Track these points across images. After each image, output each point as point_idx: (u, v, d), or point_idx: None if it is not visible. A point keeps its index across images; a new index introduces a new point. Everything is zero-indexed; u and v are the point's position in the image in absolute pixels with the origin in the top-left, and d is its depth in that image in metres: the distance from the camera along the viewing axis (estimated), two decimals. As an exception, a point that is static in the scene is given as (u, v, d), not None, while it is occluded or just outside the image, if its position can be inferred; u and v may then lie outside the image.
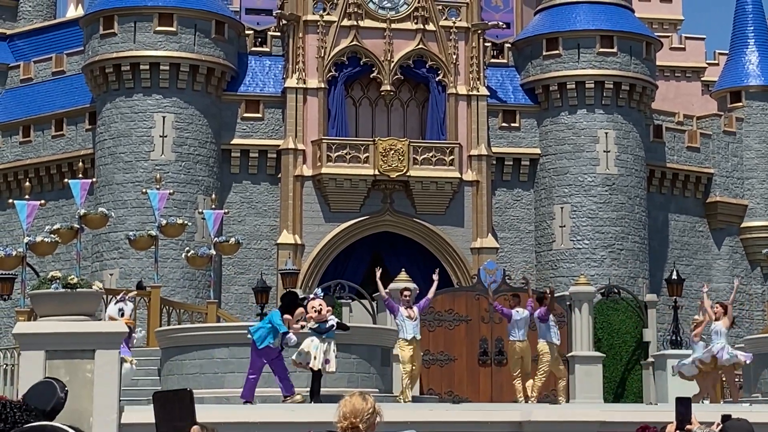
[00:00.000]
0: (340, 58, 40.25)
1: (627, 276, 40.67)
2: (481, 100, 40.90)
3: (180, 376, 20.71)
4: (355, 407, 6.76)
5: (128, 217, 37.94)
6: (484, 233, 40.24)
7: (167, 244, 34.86)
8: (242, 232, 38.33)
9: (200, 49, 39.48)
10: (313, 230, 39.43)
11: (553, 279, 40.63)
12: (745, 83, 46.33)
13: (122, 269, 37.99)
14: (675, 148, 44.53)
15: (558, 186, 41.51)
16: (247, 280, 38.98)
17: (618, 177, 41.44)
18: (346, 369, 20.34)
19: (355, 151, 39.56)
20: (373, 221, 40.00)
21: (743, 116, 46.14)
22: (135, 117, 39.13)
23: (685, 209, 44.65)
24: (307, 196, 39.64)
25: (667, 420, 9.68)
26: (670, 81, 51.67)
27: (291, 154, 39.69)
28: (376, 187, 39.80)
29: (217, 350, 20.43)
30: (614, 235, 41.03)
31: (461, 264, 39.77)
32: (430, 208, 39.98)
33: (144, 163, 38.82)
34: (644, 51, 42.54)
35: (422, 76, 40.89)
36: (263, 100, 40.73)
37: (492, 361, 28.83)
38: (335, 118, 39.96)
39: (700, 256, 44.70)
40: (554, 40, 42.04)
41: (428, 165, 39.79)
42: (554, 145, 41.83)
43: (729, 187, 45.39)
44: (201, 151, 39.38)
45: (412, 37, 40.72)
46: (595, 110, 41.72)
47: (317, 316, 17.62)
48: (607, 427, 13.58)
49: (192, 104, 39.38)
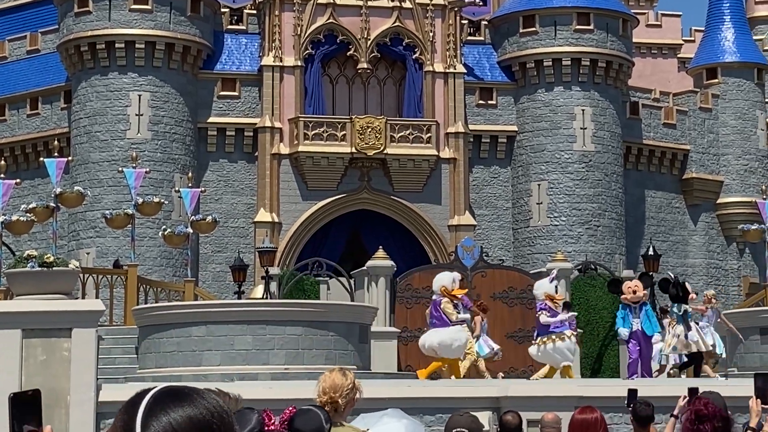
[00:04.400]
0: (316, 35, 40.14)
1: (604, 252, 40.78)
2: (458, 78, 40.86)
3: (157, 354, 20.70)
4: (335, 383, 6.78)
5: (104, 195, 37.80)
6: (461, 210, 40.28)
7: (144, 223, 34.80)
8: (219, 210, 38.25)
9: (176, 27, 39.30)
10: (290, 208, 39.38)
11: (531, 256, 40.74)
12: (721, 60, 46.41)
13: (99, 248, 37.88)
14: (651, 125, 44.62)
15: (535, 163, 41.56)
16: (225, 259, 38.93)
17: (595, 154, 41.51)
18: (324, 346, 20.37)
19: (332, 129, 39.50)
20: (351, 199, 39.97)
21: (719, 93, 46.23)
22: (110, 95, 38.96)
23: (662, 185, 44.77)
24: (284, 174, 39.57)
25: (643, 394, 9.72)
26: (647, 58, 51.73)
27: (268, 132, 39.61)
28: (353, 165, 39.76)
29: (195, 328, 20.41)
30: (591, 212, 41.13)
31: (439, 241, 39.81)
32: (408, 186, 39.98)
33: (120, 141, 38.67)
34: (620, 28, 42.57)
35: (399, 53, 40.82)
36: (240, 78, 40.60)
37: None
38: (312, 96, 39.87)
39: (677, 232, 44.86)
40: (531, 17, 42.02)
41: (405, 143, 39.76)
42: (531, 122, 41.86)
43: (705, 163, 45.53)
44: (177, 130, 39.25)
45: (388, 14, 40.63)
46: (571, 87, 41.74)
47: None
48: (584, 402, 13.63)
49: (168, 82, 39.23)
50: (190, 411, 2.59)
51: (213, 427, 2.59)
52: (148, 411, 2.58)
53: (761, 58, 47.49)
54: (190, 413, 2.58)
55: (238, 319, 20.43)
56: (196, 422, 2.57)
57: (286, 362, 20.04)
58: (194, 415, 2.58)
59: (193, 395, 2.62)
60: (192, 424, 2.57)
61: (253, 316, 20.55)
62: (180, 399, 2.60)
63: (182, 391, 2.62)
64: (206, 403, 2.61)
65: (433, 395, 15.02)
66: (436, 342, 20.46)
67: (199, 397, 2.62)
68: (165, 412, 2.58)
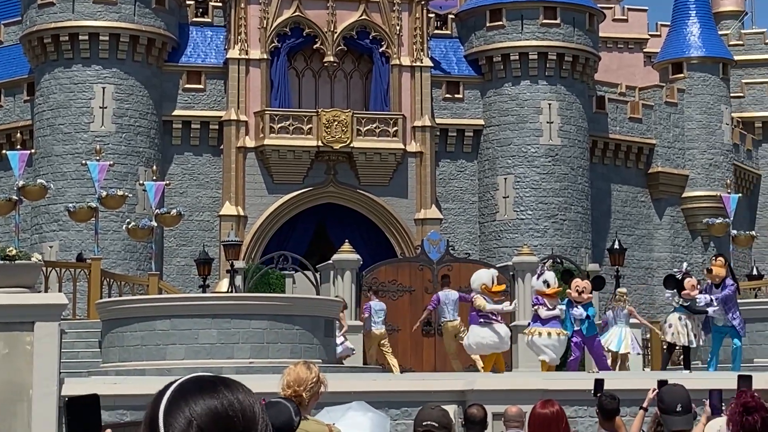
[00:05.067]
0: (282, 28, 39.98)
1: (570, 246, 40.85)
2: (425, 72, 40.80)
3: (121, 348, 20.54)
4: (299, 376, 6.73)
5: (68, 188, 37.54)
6: (427, 204, 40.24)
7: (108, 216, 34.58)
8: (184, 203, 38.07)
9: (140, 20, 39.05)
10: (255, 202, 39.23)
11: (497, 249, 40.74)
12: (686, 54, 46.56)
13: (62, 241, 37.62)
14: (617, 119, 44.72)
15: (501, 157, 41.56)
16: (189, 252, 38.74)
17: (561, 148, 41.56)
18: (290, 340, 20.27)
19: (298, 122, 39.37)
20: (317, 193, 39.87)
21: (685, 87, 46.39)
22: (74, 88, 38.68)
23: (627, 179, 44.89)
24: (250, 167, 39.41)
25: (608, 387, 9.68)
26: (613, 52, 51.84)
27: (233, 126, 39.44)
28: (319, 158, 39.64)
29: (159, 322, 20.27)
30: (557, 206, 41.18)
31: (405, 235, 39.76)
32: (374, 180, 39.90)
33: (83, 134, 38.40)
34: (587, 22, 42.63)
35: (366, 47, 40.72)
36: (205, 71, 40.41)
37: (436, 331, 28.82)
38: (278, 90, 39.72)
39: (642, 225, 44.99)
40: (498, 11, 42.01)
41: (372, 136, 39.68)
42: (498, 116, 41.86)
43: (670, 157, 45.68)
44: (142, 123, 39.02)
45: (355, 8, 40.52)
46: (538, 81, 41.76)
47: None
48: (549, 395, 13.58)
49: (132, 75, 38.98)
50: (212, 402, 2.58)
51: (234, 420, 2.57)
52: (171, 400, 2.59)
53: (726, 53, 47.68)
54: (211, 405, 2.57)
55: (202, 312, 20.31)
56: (216, 414, 2.56)
57: (251, 356, 19.92)
58: (215, 406, 2.57)
59: (218, 386, 2.60)
60: (212, 416, 2.55)
61: (218, 310, 20.43)
62: (203, 390, 2.59)
63: (208, 382, 2.62)
64: (230, 395, 2.59)
65: (399, 389, 14.95)
66: (472, 343, 20.29)
67: (225, 388, 2.60)
68: (186, 403, 2.57)
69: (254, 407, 2.61)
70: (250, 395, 2.62)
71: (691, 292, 19.64)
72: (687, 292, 19.67)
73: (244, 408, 2.60)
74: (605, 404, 9.27)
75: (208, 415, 2.56)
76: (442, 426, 7.39)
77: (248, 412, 2.60)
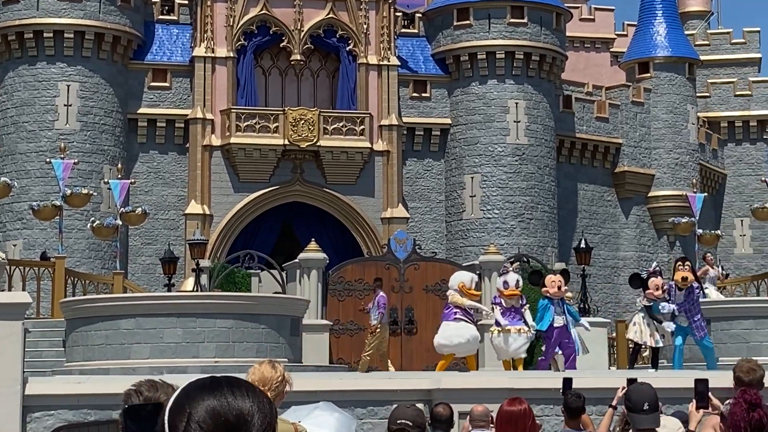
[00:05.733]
0: (249, 27, 39.84)
1: (536, 245, 40.90)
2: (392, 70, 40.76)
3: (85, 348, 20.39)
4: (264, 375, 6.69)
5: (32, 187, 37.29)
6: (394, 203, 40.19)
7: (72, 215, 34.35)
8: (149, 202, 37.88)
9: (105, 17, 38.81)
10: (221, 200, 39.07)
11: (463, 248, 40.75)
12: (653, 54, 46.72)
13: (26, 240, 37.35)
14: (584, 119, 44.81)
15: (468, 156, 41.57)
16: (155, 251, 38.54)
17: (528, 147, 41.60)
18: (255, 339, 20.18)
19: (264, 120, 39.23)
20: (283, 191, 39.74)
21: (651, 87, 46.55)
22: (39, 86, 38.42)
23: (594, 179, 44.99)
24: (216, 166, 39.25)
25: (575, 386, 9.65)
26: (580, 52, 51.98)
27: (199, 124, 39.26)
28: (286, 157, 39.53)
29: (124, 321, 20.14)
30: (524, 205, 41.22)
31: (372, 234, 39.69)
32: (341, 178, 39.82)
33: (48, 132, 38.15)
34: (554, 22, 42.69)
35: (333, 45, 40.63)
36: (171, 69, 40.22)
37: (402, 330, 28.79)
38: (244, 88, 39.58)
39: (608, 225, 45.11)
40: (465, 10, 42.02)
41: (339, 135, 39.60)
42: (465, 115, 41.85)
43: (637, 156, 45.82)
44: (107, 121, 38.79)
45: (322, 6, 40.42)
46: (505, 80, 41.79)
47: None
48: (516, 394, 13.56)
49: (97, 73, 38.75)
50: (212, 403, 2.68)
51: (233, 421, 2.66)
52: (177, 400, 2.70)
53: (693, 53, 47.89)
54: (211, 405, 2.67)
55: (167, 311, 20.19)
56: (216, 415, 2.65)
57: (216, 355, 19.83)
58: (214, 407, 2.67)
59: (223, 387, 2.70)
60: (212, 416, 2.65)
61: (183, 309, 20.32)
62: (207, 390, 2.70)
63: (214, 383, 2.72)
64: (232, 397, 2.69)
65: (365, 388, 14.88)
66: (441, 341, 20.12)
67: (230, 389, 2.70)
68: (189, 403, 2.68)
69: (255, 409, 2.68)
70: (257, 397, 2.70)
71: (654, 292, 19.67)
72: (650, 292, 19.70)
73: (244, 410, 2.67)
74: (571, 402, 9.25)
75: (208, 415, 2.65)
76: (416, 425, 7.36)
77: (247, 415, 2.67)
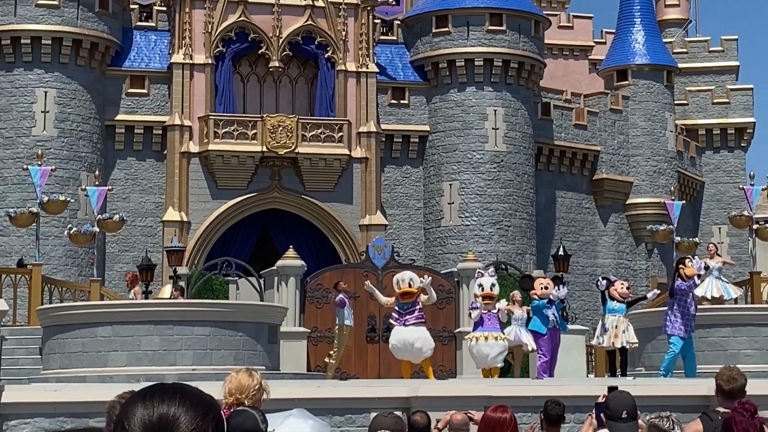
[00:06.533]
0: (227, 33, 39.76)
1: (515, 252, 40.90)
2: (371, 77, 40.74)
3: (62, 355, 20.28)
4: (241, 383, 6.70)
5: (9, 193, 37.12)
6: (372, 210, 40.15)
7: (49, 222, 34.18)
8: (127, 209, 37.71)
9: (83, 23, 38.67)
10: (199, 207, 38.95)
11: (442, 255, 40.73)
12: (631, 62, 46.83)
13: (2, 247, 37.14)
14: (562, 126, 44.87)
15: (447, 163, 41.57)
16: (132, 258, 38.37)
17: (506, 154, 41.62)
18: (233, 346, 20.10)
19: (242, 127, 39.15)
20: (261, 198, 39.66)
21: (629, 94, 46.66)
22: (16, 92, 38.24)
23: (572, 186, 45.05)
24: (194, 172, 39.13)
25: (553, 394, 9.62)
26: (558, 59, 52.06)
27: (177, 131, 39.14)
28: (264, 163, 39.45)
29: (101, 328, 20.05)
30: (502, 212, 41.23)
31: (350, 241, 39.63)
32: (319, 185, 39.76)
33: (25, 138, 37.97)
34: (533, 29, 42.74)
35: (311, 52, 40.58)
36: (149, 75, 40.09)
37: (380, 337, 28.74)
38: (223, 95, 39.50)
39: (586, 232, 45.16)
40: (443, 17, 42.04)
41: (317, 142, 39.53)
42: (443, 122, 41.86)
43: (615, 164, 45.90)
44: (84, 127, 38.64)
45: (300, 13, 40.37)
46: (483, 88, 41.81)
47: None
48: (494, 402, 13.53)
49: (75, 79, 38.60)
50: (144, 412, 2.73)
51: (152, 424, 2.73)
52: (122, 407, 2.78)
53: (671, 61, 48.02)
54: (144, 414, 2.73)
55: (144, 319, 20.11)
56: (146, 424, 2.72)
57: (193, 363, 19.75)
58: (146, 416, 2.72)
59: (161, 395, 2.75)
60: (143, 425, 2.72)
61: (161, 317, 20.24)
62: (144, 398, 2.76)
63: (154, 391, 2.78)
64: (167, 406, 2.74)
65: (343, 396, 14.83)
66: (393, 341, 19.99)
67: (169, 398, 2.75)
68: (126, 412, 2.75)
69: (181, 413, 2.71)
70: (189, 402, 2.72)
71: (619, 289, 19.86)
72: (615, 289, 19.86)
73: (168, 414, 2.71)
74: (550, 410, 9.22)
75: (138, 422, 2.71)
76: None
77: (171, 417, 2.71)
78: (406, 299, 19.95)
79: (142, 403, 2.74)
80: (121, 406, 2.78)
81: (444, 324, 29.75)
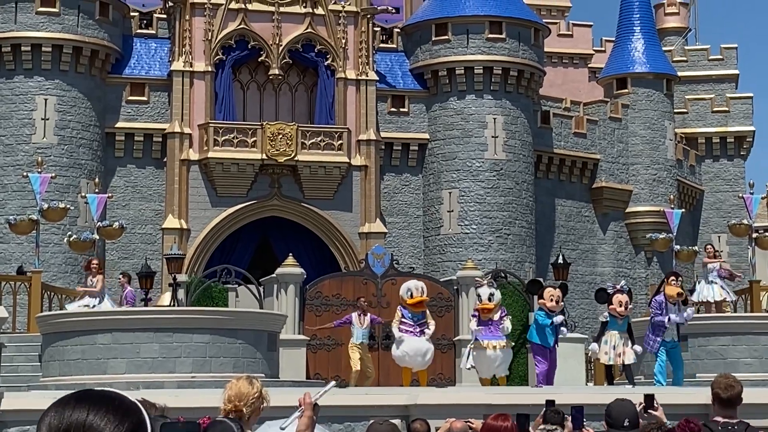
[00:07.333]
0: (227, 41, 39.79)
1: (514, 260, 40.90)
2: (370, 85, 40.76)
3: (61, 362, 20.28)
4: (241, 391, 6.68)
5: (9, 201, 37.13)
6: (372, 218, 40.16)
7: (49, 229, 34.19)
8: (126, 216, 37.72)
9: (84, 31, 38.70)
10: (199, 215, 38.96)
11: (441, 264, 40.72)
12: (631, 70, 46.87)
13: (2, 254, 37.14)
14: (562, 134, 44.89)
15: (446, 171, 41.58)
16: (131, 265, 38.34)
17: (506, 162, 41.63)
18: (232, 354, 20.10)
19: (242, 135, 39.17)
20: (261, 206, 39.66)
21: (629, 103, 46.68)
22: (16, 99, 38.26)
23: (572, 194, 45.05)
24: (194, 180, 39.14)
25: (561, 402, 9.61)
26: (558, 67, 52.11)
27: (177, 138, 39.16)
28: (263, 171, 39.46)
29: (100, 336, 20.05)
30: (502, 220, 41.23)
31: (349, 249, 39.63)
32: (319, 193, 39.77)
33: (25, 146, 37.99)
34: (532, 37, 42.77)
35: (311, 60, 40.61)
36: (149, 83, 40.12)
37: (379, 345, 28.71)
38: (222, 102, 39.52)
39: (586, 240, 45.16)
40: (443, 25, 42.07)
41: (317, 149, 39.55)
42: (443, 130, 41.88)
43: (614, 172, 45.92)
44: (84, 135, 38.65)
45: (300, 20, 40.41)
46: (483, 96, 41.83)
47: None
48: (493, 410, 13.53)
49: (75, 87, 38.62)
50: (53, 420, 2.71)
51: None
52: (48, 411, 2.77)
53: (671, 69, 48.06)
54: (53, 422, 2.71)
55: (144, 326, 20.12)
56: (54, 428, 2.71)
57: (193, 370, 19.75)
58: (54, 424, 2.70)
59: (74, 403, 2.73)
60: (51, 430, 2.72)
61: (160, 324, 20.25)
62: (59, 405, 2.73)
63: (70, 398, 2.75)
64: (78, 414, 2.72)
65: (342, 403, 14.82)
66: (406, 350, 20.25)
67: (81, 406, 2.73)
68: (43, 418, 2.73)
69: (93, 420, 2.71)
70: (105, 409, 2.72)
71: (617, 308, 19.81)
72: (613, 308, 19.83)
73: (78, 420, 2.71)
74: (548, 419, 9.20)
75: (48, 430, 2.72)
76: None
77: (82, 424, 2.71)
78: (419, 309, 20.14)
79: (55, 410, 2.74)
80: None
81: (443, 332, 29.72)
